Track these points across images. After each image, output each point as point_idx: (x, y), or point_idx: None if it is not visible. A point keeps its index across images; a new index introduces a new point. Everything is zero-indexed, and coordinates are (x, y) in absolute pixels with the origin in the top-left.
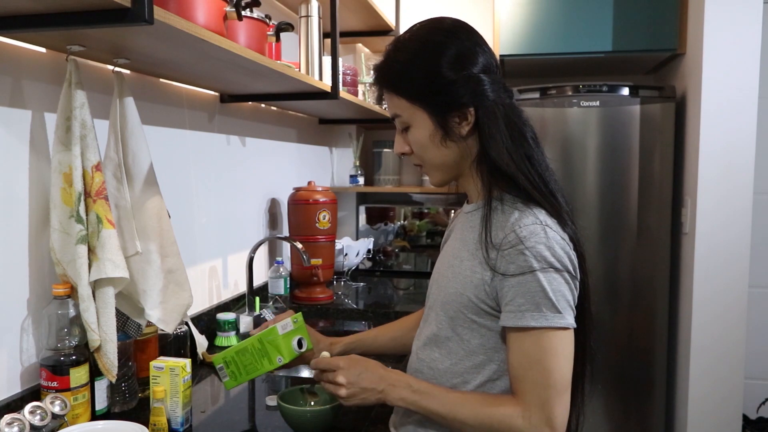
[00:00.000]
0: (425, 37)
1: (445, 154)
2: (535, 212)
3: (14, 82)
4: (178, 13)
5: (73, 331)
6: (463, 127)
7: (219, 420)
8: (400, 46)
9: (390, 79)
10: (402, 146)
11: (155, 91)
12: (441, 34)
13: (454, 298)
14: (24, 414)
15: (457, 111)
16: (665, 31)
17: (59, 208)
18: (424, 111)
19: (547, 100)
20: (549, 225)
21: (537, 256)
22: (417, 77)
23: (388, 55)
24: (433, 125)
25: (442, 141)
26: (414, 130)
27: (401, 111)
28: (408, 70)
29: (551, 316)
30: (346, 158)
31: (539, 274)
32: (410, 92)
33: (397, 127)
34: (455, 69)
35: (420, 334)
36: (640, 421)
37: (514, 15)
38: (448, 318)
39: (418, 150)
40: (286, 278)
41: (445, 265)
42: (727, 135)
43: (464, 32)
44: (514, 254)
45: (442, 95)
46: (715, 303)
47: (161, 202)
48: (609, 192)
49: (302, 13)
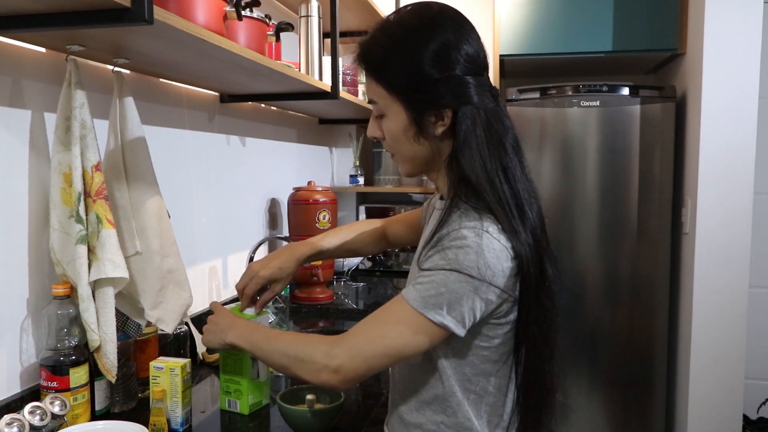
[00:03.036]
0: (410, 25)
1: (416, 150)
2: (482, 219)
3: (14, 82)
4: (178, 13)
5: (73, 331)
6: (438, 126)
7: (219, 420)
8: (387, 29)
9: (371, 64)
10: (375, 131)
11: (155, 91)
12: (427, 24)
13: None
14: (24, 414)
15: (435, 110)
16: (665, 31)
17: (59, 208)
18: (401, 104)
19: (547, 100)
20: (489, 231)
21: (457, 258)
22: (398, 70)
23: (373, 36)
24: (408, 120)
25: (414, 137)
26: (388, 120)
27: (378, 98)
28: (389, 59)
29: (425, 302)
30: (346, 158)
31: (448, 273)
32: (389, 83)
33: (373, 112)
34: (438, 67)
35: None
36: (640, 421)
37: (514, 15)
38: None
39: (389, 139)
40: None
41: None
42: (727, 135)
43: (452, 23)
44: (435, 252)
45: (422, 93)
46: (715, 303)
47: (161, 202)
48: (609, 192)
49: (302, 13)
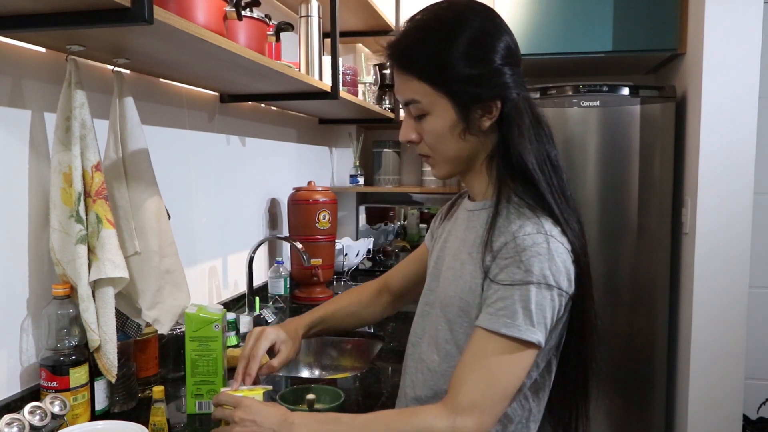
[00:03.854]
0: (453, 20)
1: (461, 148)
2: (541, 220)
3: (14, 82)
4: (178, 13)
5: (73, 331)
6: (485, 120)
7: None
8: (424, 26)
9: (411, 62)
10: (410, 133)
11: (155, 91)
12: (469, 18)
13: (454, 301)
14: (24, 414)
15: (483, 103)
16: (665, 31)
17: (59, 208)
18: (448, 100)
19: (547, 100)
20: (553, 235)
21: (531, 269)
22: (445, 64)
23: (409, 35)
24: (456, 116)
25: (461, 133)
26: (432, 118)
27: (421, 97)
28: (435, 55)
29: (524, 328)
30: (346, 158)
31: (529, 287)
32: (436, 78)
33: (410, 113)
34: (487, 59)
35: (417, 330)
36: (640, 421)
37: (514, 15)
38: (447, 321)
39: (432, 140)
40: (286, 278)
41: (446, 266)
42: (727, 135)
43: (490, 16)
44: (509, 263)
45: (472, 86)
46: (715, 303)
47: (160, 202)
48: (609, 192)
49: (302, 13)
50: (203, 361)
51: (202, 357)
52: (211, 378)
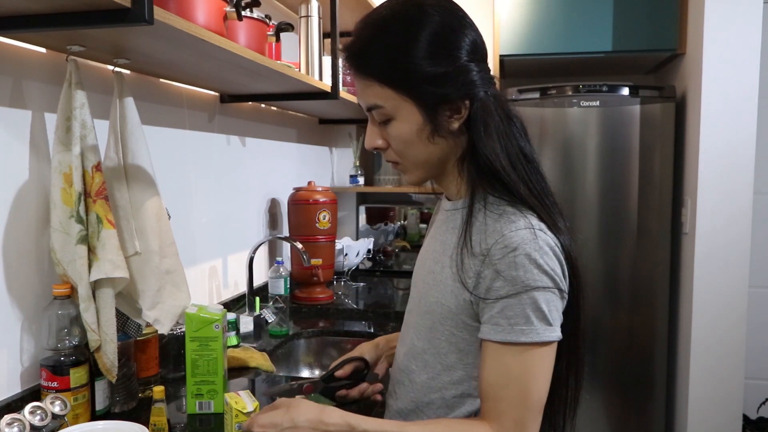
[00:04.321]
0: (412, 17)
1: (430, 151)
2: (527, 216)
3: (14, 82)
4: (178, 13)
5: (73, 331)
6: (453, 121)
7: (219, 420)
8: (381, 24)
9: (370, 65)
10: (375, 140)
11: (155, 91)
12: (430, 14)
13: (434, 307)
14: (24, 414)
15: (450, 103)
16: (665, 31)
17: (59, 208)
18: (413, 103)
19: (547, 100)
20: (542, 229)
21: (530, 267)
22: (407, 66)
23: (366, 35)
24: (422, 119)
25: (429, 136)
26: (398, 123)
27: (383, 101)
28: (395, 56)
29: (542, 329)
30: (346, 158)
31: (533, 291)
32: (398, 81)
33: (373, 119)
34: (451, 57)
35: (402, 339)
36: (640, 421)
37: (514, 15)
38: (426, 328)
39: (399, 146)
40: (286, 278)
41: (426, 270)
42: (727, 135)
43: (450, 11)
44: (504, 268)
45: (437, 85)
46: (715, 303)
47: (160, 202)
48: (609, 192)
49: (302, 13)
50: (203, 361)
51: (203, 357)
52: (211, 378)
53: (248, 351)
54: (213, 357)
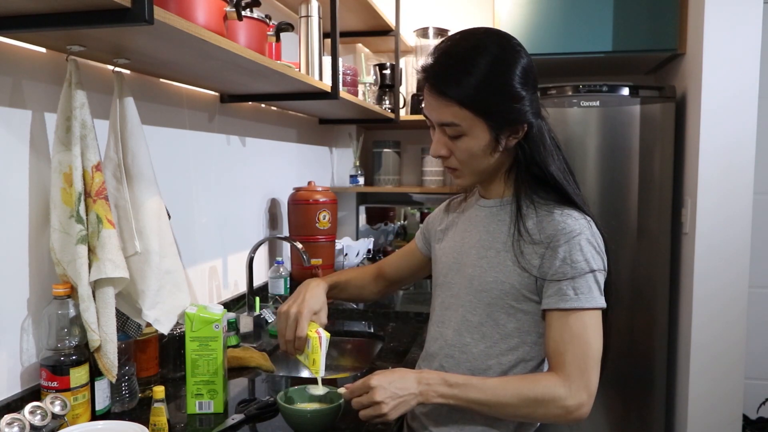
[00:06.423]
0: (497, 52)
1: (489, 163)
2: (576, 211)
3: (14, 82)
4: (178, 13)
5: (73, 331)
6: (512, 140)
7: (219, 420)
8: (466, 56)
9: (457, 89)
10: (441, 149)
11: (155, 91)
12: (512, 50)
13: (494, 285)
14: (24, 414)
15: (514, 126)
16: (665, 31)
17: (59, 208)
18: (486, 124)
19: (547, 100)
20: (590, 220)
21: (589, 249)
22: (489, 93)
23: (449, 61)
24: (490, 137)
25: (492, 152)
26: (468, 139)
27: (461, 120)
28: (483, 86)
29: (598, 297)
30: (346, 158)
31: (593, 273)
32: (480, 106)
33: (445, 132)
34: (524, 88)
35: (444, 319)
36: (640, 421)
37: (514, 15)
38: (484, 304)
39: (464, 157)
40: (286, 278)
41: (474, 257)
42: (727, 135)
43: (519, 46)
44: (569, 248)
45: (510, 112)
46: (715, 303)
47: (160, 202)
48: (609, 192)
49: (302, 13)
50: (203, 361)
51: (203, 357)
52: (211, 378)
53: (248, 351)
54: (213, 357)
